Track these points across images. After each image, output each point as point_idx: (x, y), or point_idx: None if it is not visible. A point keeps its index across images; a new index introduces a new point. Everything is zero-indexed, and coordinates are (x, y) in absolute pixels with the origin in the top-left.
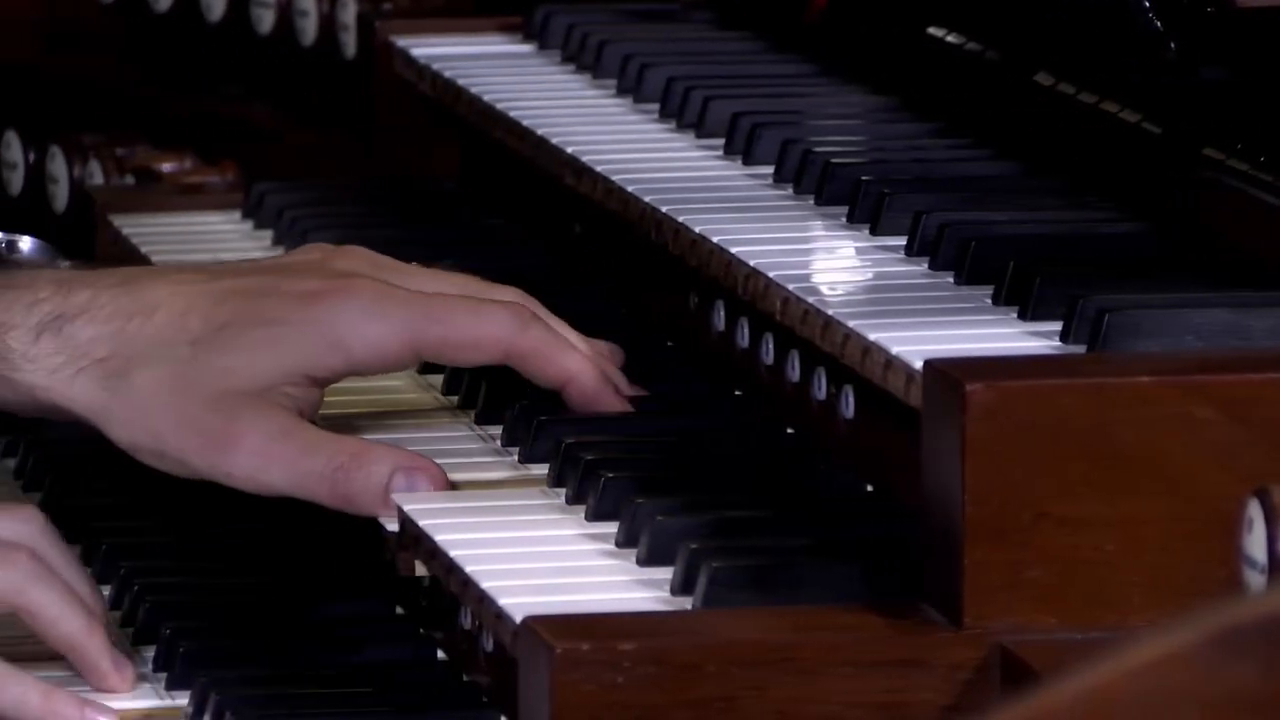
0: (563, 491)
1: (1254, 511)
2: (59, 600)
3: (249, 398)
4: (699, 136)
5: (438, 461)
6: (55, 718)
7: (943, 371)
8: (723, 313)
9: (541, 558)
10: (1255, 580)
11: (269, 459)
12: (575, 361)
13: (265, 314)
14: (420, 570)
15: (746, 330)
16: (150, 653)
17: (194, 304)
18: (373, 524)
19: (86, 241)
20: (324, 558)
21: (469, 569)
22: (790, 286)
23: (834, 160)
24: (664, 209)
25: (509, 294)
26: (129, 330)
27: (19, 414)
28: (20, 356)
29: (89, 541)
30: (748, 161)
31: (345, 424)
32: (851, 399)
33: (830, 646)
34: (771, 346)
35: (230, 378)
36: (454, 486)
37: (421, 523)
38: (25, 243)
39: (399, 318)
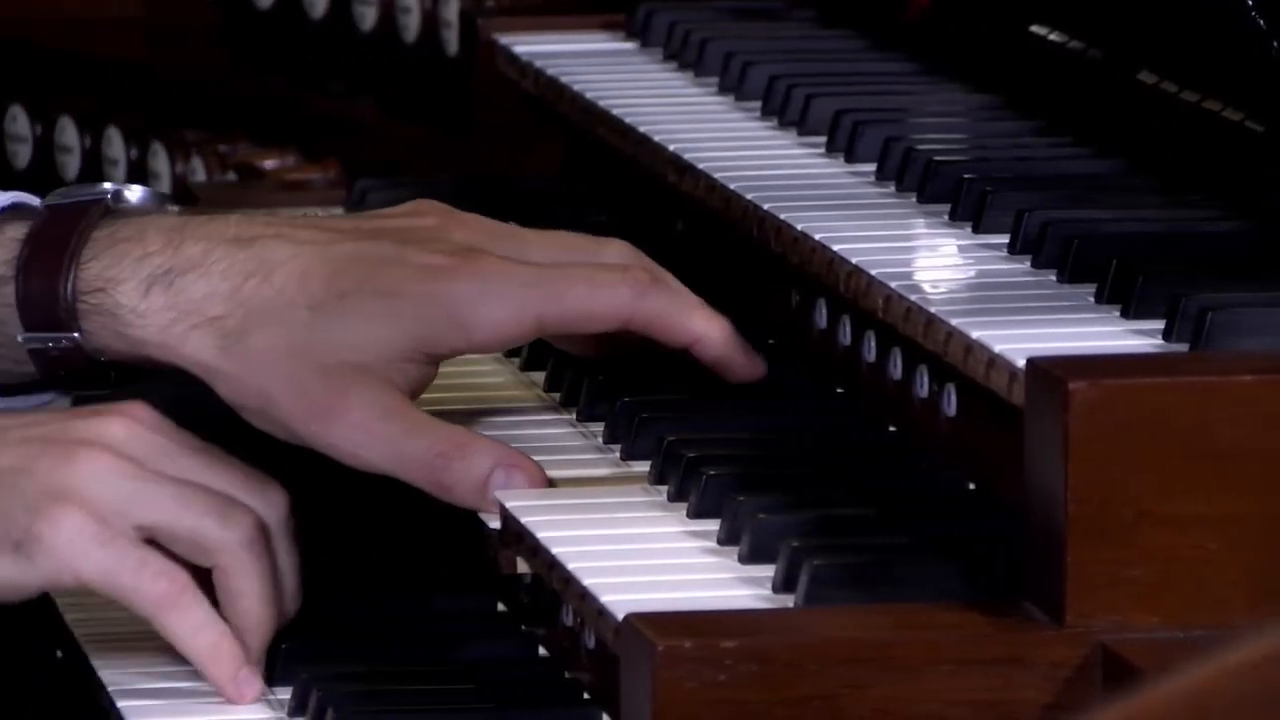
0: (664, 489)
1: None
2: (259, 580)
3: (360, 372)
4: (801, 134)
5: (538, 458)
6: (211, 666)
7: (1046, 370)
8: (824, 311)
9: (643, 555)
10: None
11: (372, 437)
12: (700, 321)
13: (387, 286)
14: (522, 567)
15: (848, 328)
16: None
17: (314, 268)
18: (474, 520)
19: None
20: (426, 554)
21: (571, 566)
22: (892, 284)
23: (936, 158)
24: (766, 206)
25: (618, 248)
26: (246, 290)
27: (128, 364)
28: (130, 312)
29: None
30: (850, 159)
31: (447, 420)
32: (953, 397)
33: (931, 645)
34: (873, 344)
35: (345, 349)
36: (552, 484)
37: (523, 520)
38: (133, 192)
39: (520, 299)
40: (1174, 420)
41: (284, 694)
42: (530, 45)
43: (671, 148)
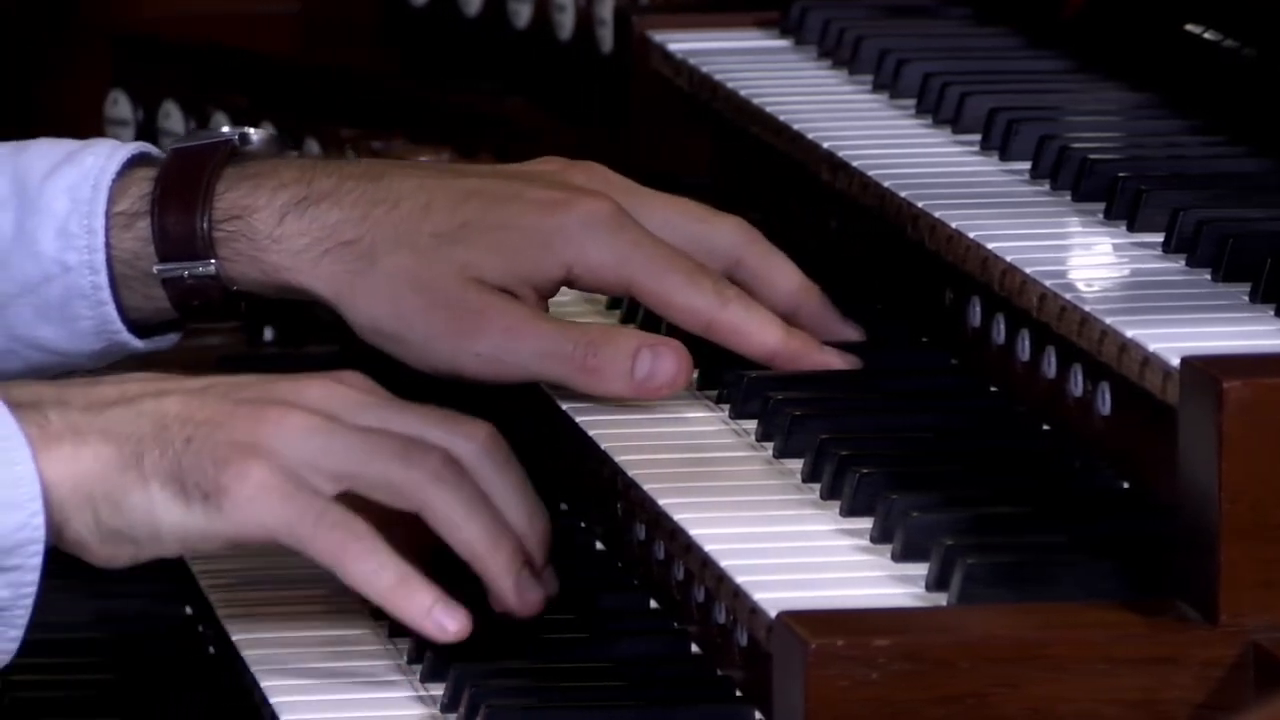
0: (817, 487)
1: None
2: (462, 507)
3: (489, 288)
4: (955, 132)
5: (689, 455)
6: (401, 603)
7: (1200, 369)
8: (978, 309)
9: (796, 553)
10: None
11: (519, 337)
12: (773, 339)
13: (503, 218)
14: (675, 565)
15: (1002, 327)
16: (404, 645)
17: (437, 198)
18: (627, 517)
19: None
20: (579, 551)
21: (724, 564)
22: (1047, 282)
23: (1091, 156)
24: (920, 205)
25: (731, 222)
26: (374, 216)
27: (262, 295)
28: (265, 237)
29: None
30: (1004, 157)
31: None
32: (1108, 396)
33: (1083, 644)
34: (1028, 343)
35: (470, 270)
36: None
37: (677, 517)
38: (255, 134)
39: (621, 254)
40: None
41: (437, 690)
42: (684, 43)
43: (825, 145)
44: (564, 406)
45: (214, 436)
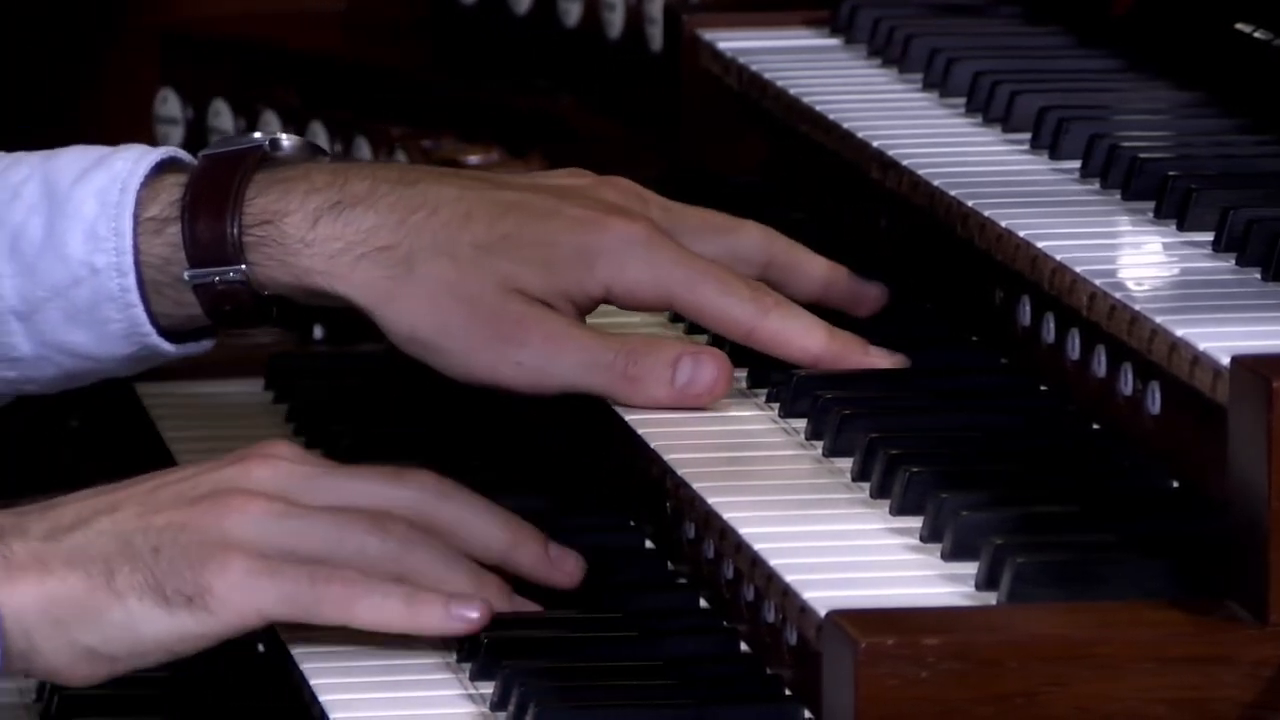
0: (866, 485)
1: None
2: (441, 564)
3: (530, 300)
4: (1005, 131)
5: (739, 454)
6: (419, 621)
7: (1250, 368)
8: (1028, 308)
9: (845, 552)
10: None
11: (561, 348)
12: (816, 343)
13: (543, 234)
14: (725, 563)
15: (1052, 326)
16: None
17: (477, 209)
18: (676, 516)
19: None
20: (628, 550)
21: (773, 562)
22: (1097, 281)
23: (1141, 155)
24: (970, 203)
25: (754, 227)
26: (412, 222)
27: (292, 300)
28: (297, 241)
29: None
30: (1054, 156)
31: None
32: (1158, 395)
33: (1133, 643)
34: (1077, 342)
35: (511, 281)
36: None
37: (726, 516)
38: (287, 140)
39: (658, 271)
40: None
41: (486, 688)
42: (734, 41)
43: (875, 144)
44: (615, 406)
45: (180, 540)
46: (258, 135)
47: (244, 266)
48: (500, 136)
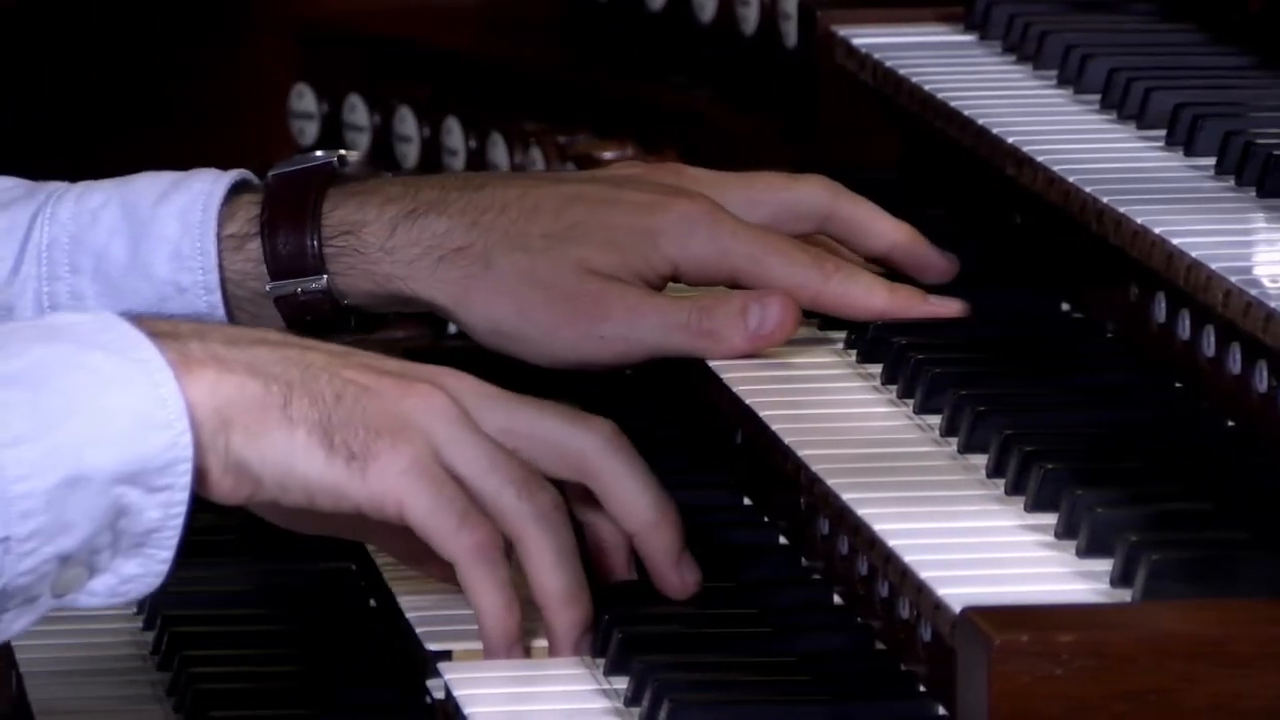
0: (1001, 482)
1: None
2: (553, 554)
3: (604, 276)
4: (1140, 128)
5: (873, 451)
6: (491, 623)
7: None
8: (1164, 305)
9: (980, 548)
10: None
11: (640, 315)
12: (879, 301)
13: (608, 219)
14: (859, 560)
15: (1187, 322)
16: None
17: (543, 203)
18: (810, 512)
19: None
20: (762, 546)
21: (908, 559)
22: (1233, 279)
23: (1276, 153)
24: (1105, 200)
25: (814, 180)
26: (484, 222)
27: (372, 308)
28: (377, 249)
29: None
30: (1189, 153)
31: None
32: None
33: (1268, 640)
34: (1212, 339)
35: (585, 263)
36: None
37: (861, 512)
38: (352, 156)
39: (721, 245)
40: None
41: (620, 683)
42: (869, 37)
43: (1010, 140)
44: (749, 402)
45: (363, 400)
46: (320, 154)
47: (325, 277)
48: (635, 132)
